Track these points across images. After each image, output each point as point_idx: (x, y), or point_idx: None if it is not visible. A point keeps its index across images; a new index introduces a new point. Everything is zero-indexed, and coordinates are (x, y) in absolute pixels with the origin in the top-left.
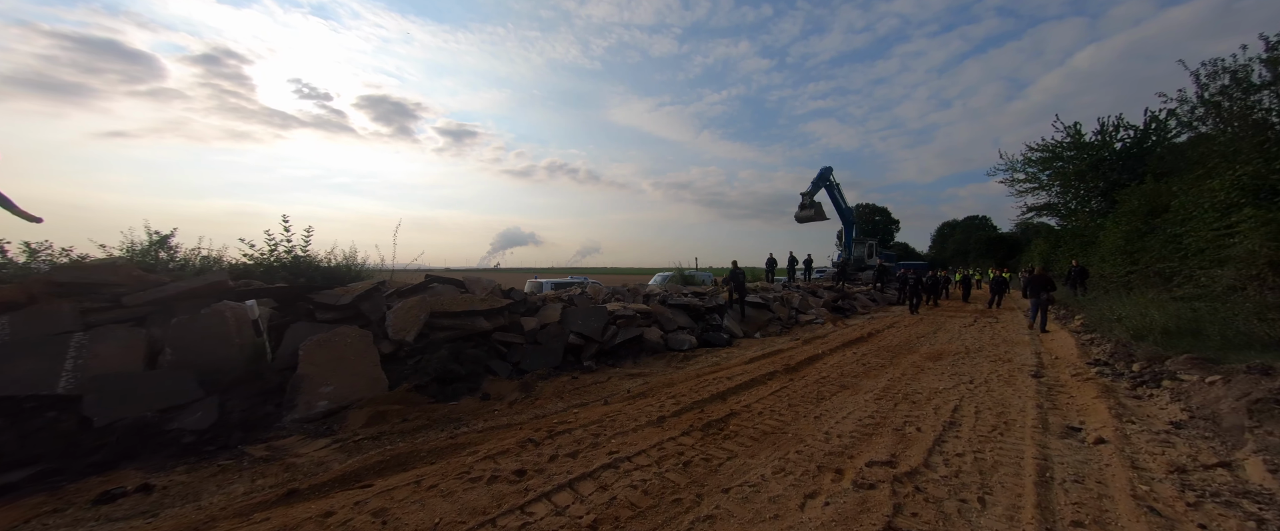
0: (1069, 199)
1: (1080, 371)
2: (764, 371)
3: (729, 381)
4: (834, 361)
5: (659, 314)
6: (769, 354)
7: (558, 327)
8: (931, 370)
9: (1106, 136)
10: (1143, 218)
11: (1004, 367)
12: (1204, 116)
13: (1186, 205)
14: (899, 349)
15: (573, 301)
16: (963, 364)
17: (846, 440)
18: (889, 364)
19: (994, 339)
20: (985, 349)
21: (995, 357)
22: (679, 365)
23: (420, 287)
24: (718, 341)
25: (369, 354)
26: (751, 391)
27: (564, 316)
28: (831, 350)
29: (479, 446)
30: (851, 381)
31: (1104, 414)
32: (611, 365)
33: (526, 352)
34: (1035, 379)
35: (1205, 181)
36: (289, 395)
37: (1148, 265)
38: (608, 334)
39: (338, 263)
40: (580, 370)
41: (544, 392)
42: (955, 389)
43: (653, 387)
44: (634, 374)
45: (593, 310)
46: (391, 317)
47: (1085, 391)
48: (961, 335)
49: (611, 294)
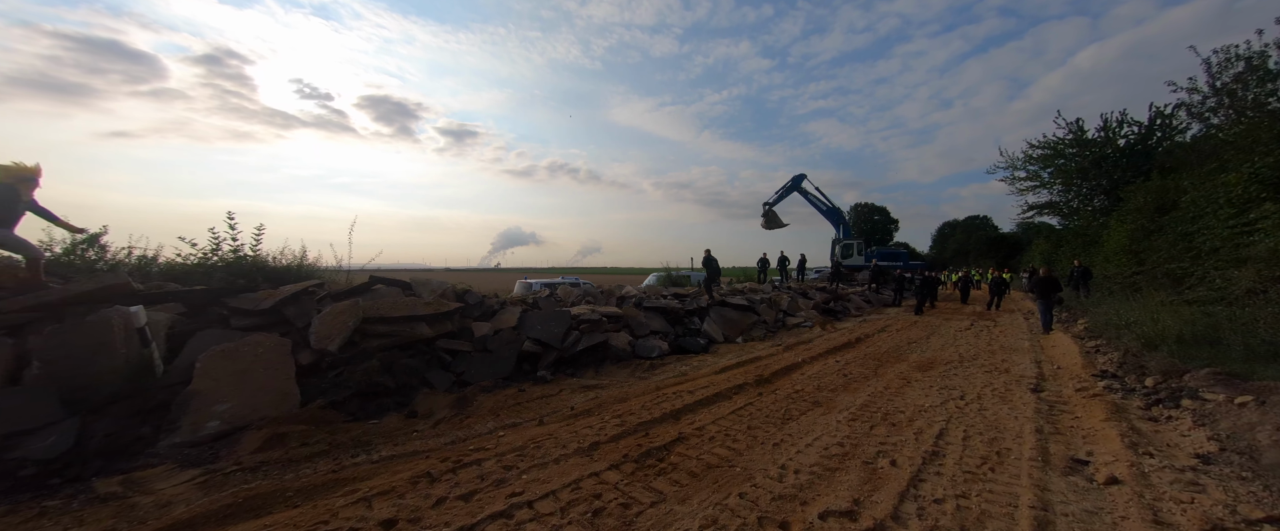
0: (1071, 197)
1: (1085, 385)
2: (733, 383)
3: (690, 396)
4: (813, 371)
5: (631, 317)
6: (744, 362)
7: (512, 334)
8: (919, 382)
9: (1110, 133)
10: (1149, 215)
11: (1000, 379)
12: (1216, 107)
13: (1199, 201)
14: (886, 356)
15: (537, 305)
16: (954, 375)
17: (804, 477)
18: (873, 374)
19: (991, 345)
20: (980, 357)
21: (991, 367)
22: (643, 375)
23: (361, 289)
24: (693, 347)
25: (282, 366)
26: (711, 409)
27: (522, 321)
28: (813, 357)
29: (363, 482)
30: (827, 396)
31: (1115, 442)
32: (570, 374)
33: (474, 362)
34: (1034, 394)
35: (1219, 175)
36: (174, 415)
37: (1155, 265)
38: (568, 340)
39: (288, 263)
40: (533, 381)
41: (480, 408)
42: (943, 407)
43: (602, 403)
44: (590, 385)
45: (554, 314)
46: (316, 324)
47: (1092, 411)
48: (956, 340)
49: (583, 296)
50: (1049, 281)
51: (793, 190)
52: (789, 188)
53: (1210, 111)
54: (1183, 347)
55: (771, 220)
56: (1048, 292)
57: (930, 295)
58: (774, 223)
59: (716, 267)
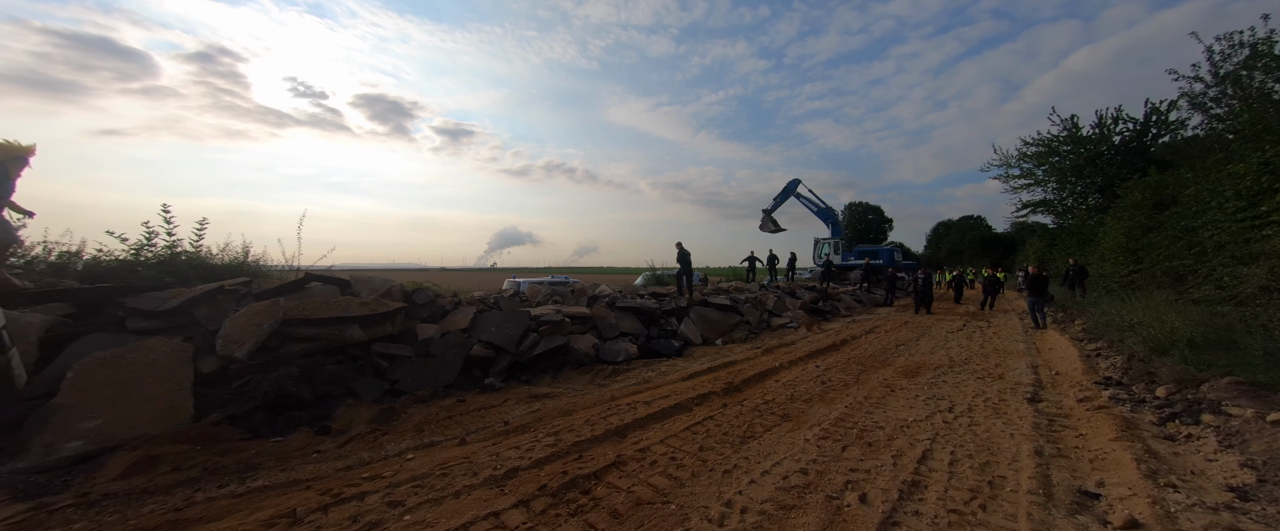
0: (1065, 195)
1: (1088, 394)
2: (697, 392)
3: (645, 407)
4: (789, 377)
5: (600, 318)
6: (717, 367)
7: (461, 337)
8: (904, 391)
9: (1105, 129)
10: (1147, 212)
11: (994, 388)
12: (1218, 98)
13: (1203, 195)
14: (871, 361)
15: (498, 305)
16: (944, 382)
17: (751, 519)
18: (854, 381)
19: (984, 347)
20: (973, 361)
21: (984, 373)
22: (603, 382)
23: (292, 287)
24: (666, 351)
25: (178, 374)
26: (664, 423)
27: (475, 323)
28: (793, 362)
29: (207, 524)
30: (799, 408)
31: (1130, 469)
32: (524, 381)
33: (413, 368)
34: (1032, 405)
35: (1226, 167)
36: (25, 434)
37: (1154, 264)
38: (525, 343)
39: (230, 260)
40: (480, 389)
41: (405, 423)
42: (929, 421)
43: (543, 417)
44: (540, 394)
45: (511, 315)
46: (226, 327)
47: (1099, 427)
48: (947, 342)
49: (550, 295)
50: (1038, 279)
51: (789, 194)
52: (786, 192)
53: (1212, 102)
54: (1196, 353)
55: (773, 226)
56: (1039, 290)
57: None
58: (772, 227)
59: (689, 263)
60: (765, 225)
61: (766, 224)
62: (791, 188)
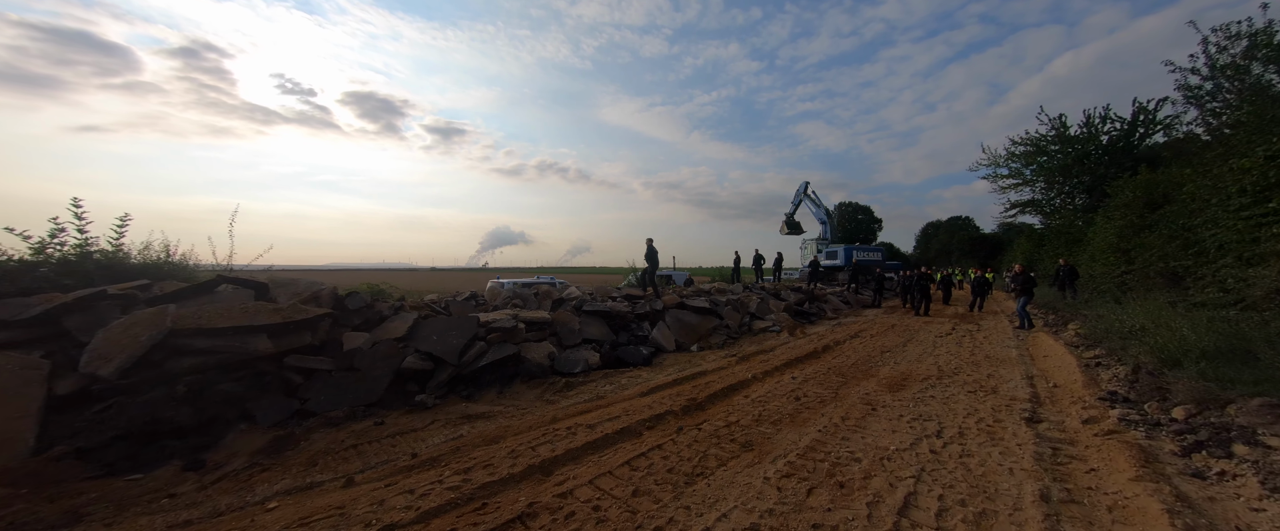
0: (1053, 195)
1: (1094, 413)
2: (653, 412)
3: (588, 432)
4: (761, 392)
5: (563, 324)
6: (684, 379)
7: (393, 347)
8: (887, 409)
9: (1093, 129)
10: (1139, 211)
11: (986, 404)
12: (1215, 91)
13: (1202, 191)
14: (853, 371)
15: (448, 309)
16: (931, 397)
17: None
18: (832, 397)
19: (974, 354)
20: (963, 370)
21: (975, 385)
22: (552, 397)
23: (196, 291)
24: (633, 359)
25: (22, 398)
26: (603, 455)
27: (414, 330)
28: (768, 372)
29: None
30: (765, 433)
31: (1157, 518)
32: (464, 397)
33: (331, 384)
34: (1031, 428)
35: (1227, 161)
36: None
37: (1148, 264)
38: (470, 353)
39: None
40: (409, 407)
41: (298, 456)
42: (914, 450)
43: (463, 446)
44: (474, 414)
45: (457, 322)
46: (97, 340)
47: (1113, 460)
48: (936, 348)
49: (510, 298)
50: (1025, 278)
51: (803, 196)
52: (800, 194)
53: (1208, 95)
54: (1213, 366)
55: (792, 227)
56: (1027, 289)
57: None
58: (796, 230)
59: (656, 261)
60: (790, 228)
61: (792, 227)
62: (802, 189)
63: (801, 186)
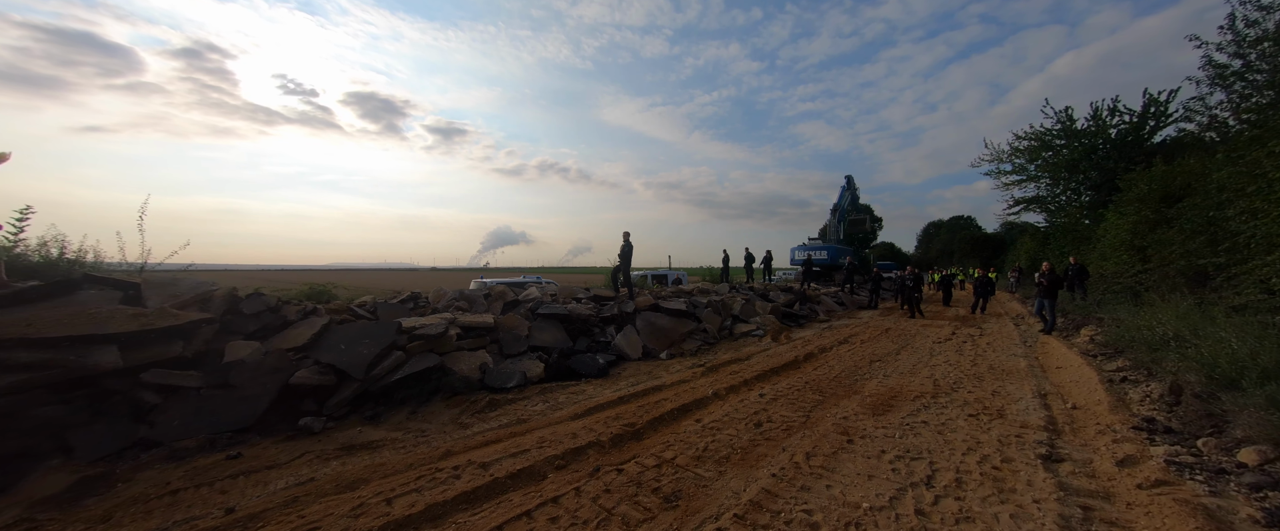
0: (1059, 192)
1: (1130, 449)
2: (576, 442)
3: (479, 474)
4: (717, 415)
5: (509, 329)
6: (634, 396)
7: (281, 359)
8: (866, 441)
9: (1101, 122)
10: (1154, 205)
11: (992, 434)
12: (1243, 70)
13: (1236, 179)
14: (833, 386)
15: (375, 312)
16: (923, 423)
17: None
18: (802, 423)
19: (976, 365)
20: (963, 384)
21: (978, 405)
22: (468, 420)
23: (44, 293)
24: (586, 369)
25: None
26: (478, 513)
27: (320, 338)
28: (735, 387)
29: None
30: (701, 481)
31: None
32: (369, 417)
33: (195, 405)
34: (1050, 471)
35: (1266, 144)
36: None
37: (1166, 262)
38: (382, 366)
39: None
40: (292, 432)
41: (98, 505)
42: (893, 510)
43: (307, 494)
44: (359, 444)
45: (371, 329)
46: None
47: (1168, 523)
48: (933, 357)
49: (453, 301)
50: (1053, 277)
51: (852, 189)
52: (848, 188)
53: (1236, 75)
54: (1275, 385)
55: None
56: (1052, 289)
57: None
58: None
59: (630, 258)
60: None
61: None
62: (850, 182)
63: (847, 179)
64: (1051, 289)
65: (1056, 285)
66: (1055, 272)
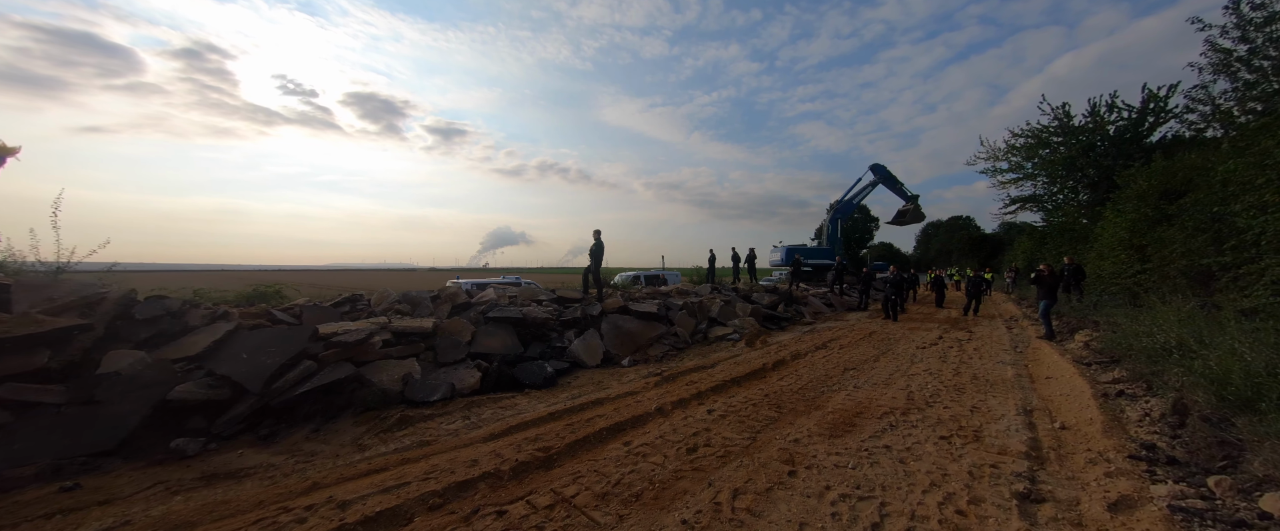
0: (1056, 191)
1: (1126, 487)
2: (472, 473)
3: (334, 516)
4: (650, 437)
5: (447, 335)
6: (570, 411)
7: (164, 372)
8: (812, 472)
9: (1099, 118)
10: (1154, 202)
11: (964, 462)
12: (1248, 57)
13: (1245, 172)
14: (796, 399)
15: (300, 317)
16: (884, 449)
17: None
18: (744, 447)
19: (959, 374)
20: (940, 397)
21: (953, 426)
22: (368, 441)
23: None
24: (530, 379)
25: None
26: None
27: (220, 346)
28: (684, 400)
29: None
30: (605, 523)
31: None
32: (264, 437)
33: (49, 424)
34: (1026, 514)
35: (1276, 131)
36: None
37: (1167, 261)
38: (287, 378)
39: None
40: (163, 455)
41: None
42: None
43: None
44: (226, 474)
45: (280, 335)
46: None
47: None
48: (913, 365)
49: (394, 303)
50: (1052, 278)
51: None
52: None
53: (1241, 62)
54: None
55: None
56: (1051, 291)
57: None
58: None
59: (601, 256)
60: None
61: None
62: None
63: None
64: (1051, 291)
65: (1055, 286)
66: (1054, 272)
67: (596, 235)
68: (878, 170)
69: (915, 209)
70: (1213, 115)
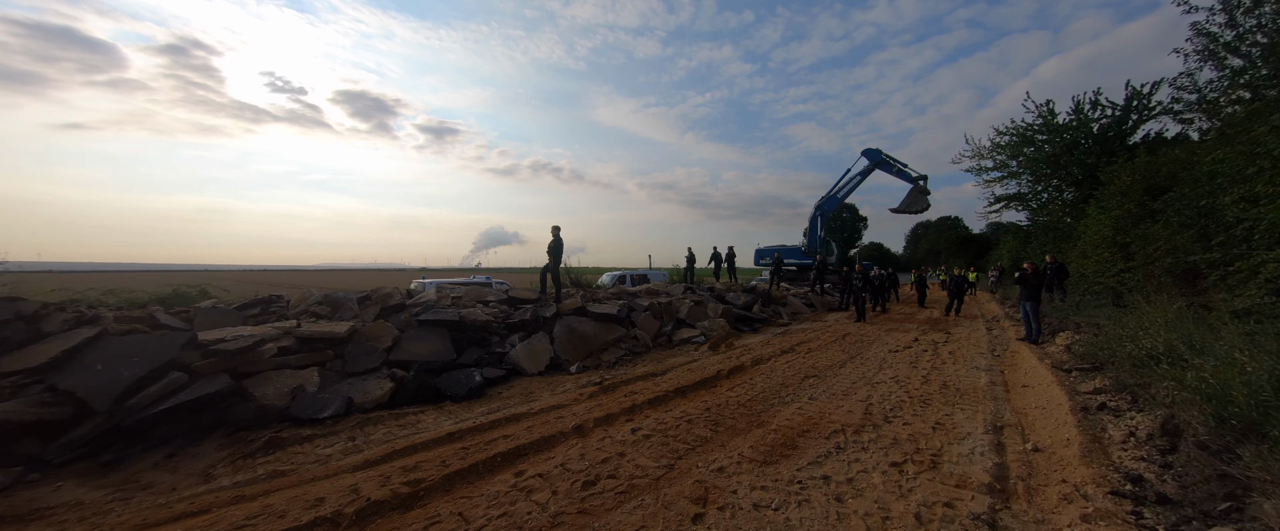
0: (1041, 190)
1: (1107, 529)
2: (306, 518)
3: None
4: (550, 465)
5: (363, 341)
6: (473, 430)
7: None
8: (726, 515)
9: (1082, 116)
10: (1138, 199)
11: (914, 497)
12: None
13: (1233, 161)
14: (740, 414)
15: (191, 321)
16: (820, 479)
17: None
18: (656, 480)
19: (927, 383)
20: (901, 412)
21: (909, 449)
22: (219, 471)
23: None
24: (454, 389)
25: None
26: None
27: (72, 356)
28: (614, 415)
29: None
30: None
31: None
32: (109, 463)
33: None
34: None
35: (1268, 116)
36: None
37: (1151, 259)
38: (146, 392)
39: None
40: None
41: None
42: None
43: None
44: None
45: (153, 342)
46: None
47: None
48: (879, 372)
49: (313, 304)
50: (1035, 277)
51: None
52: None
53: (1227, 48)
54: None
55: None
56: (1034, 292)
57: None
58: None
59: (560, 255)
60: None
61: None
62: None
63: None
64: (1034, 291)
65: (1038, 285)
66: (1038, 271)
67: (555, 231)
68: (872, 154)
69: (924, 190)
70: (1198, 104)
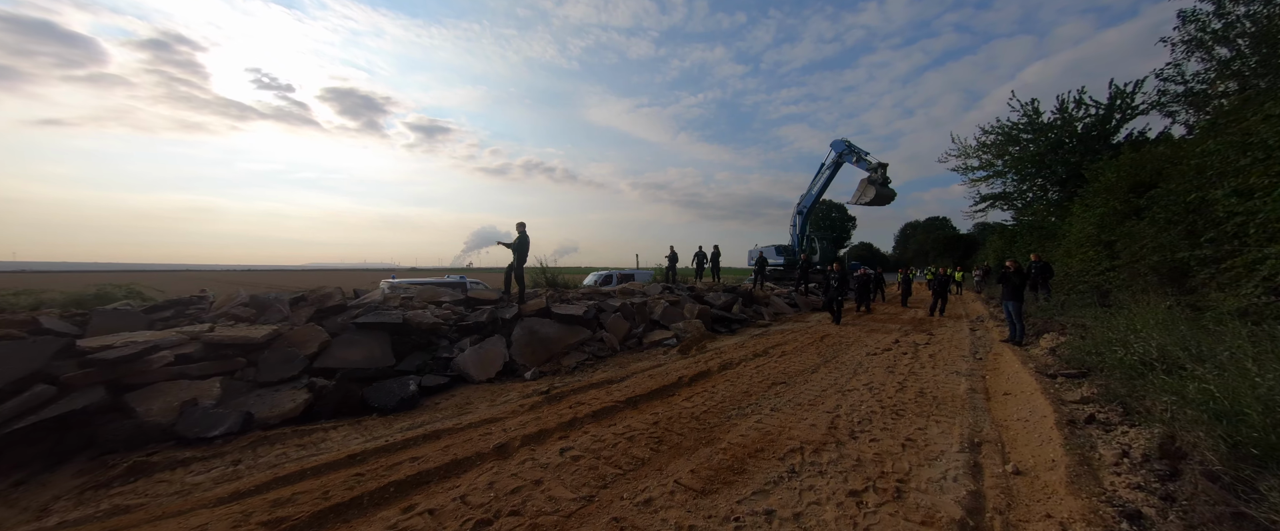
0: (1026, 189)
1: None
2: None
3: None
4: (448, 498)
5: (289, 346)
6: (380, 451)
7: None
8: None
9: (1067, 115)
10: (1123, 196)
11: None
12: (1224, 30)
13: (1224, 152)
14: (688, 429)
15: (83, 325)
16: (764, 516)
17: None
18: (567, 518)
19: (903, 390)
20: (871, 424)
21: (873, 469)
22: (61, 505)
23: None
24: (383, 400)
25: None
26: None
27: None
28: (550, 430)
29: None
30: None
31: None
32: None
33: None
34: None
35: (1264, 106)
36: None
37: (1137, 257)
38: (3, 408)
39: None
40: None
41: None
42: None
43: None
44: None
45: (13, 351)
46: None
47: None
48: (853, 378)
49: (238, 305)
50: (1018, 276)
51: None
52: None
53: (1216, 36)
54: None
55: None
56: (1017, 291)
57: (860, 298)
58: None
59: (525, 253)
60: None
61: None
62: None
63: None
64: (1017, 290)
65: (1021, 285)
66: (1021, 270)
67: (520, 228)
68: (837, 145)
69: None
70: (1185, 96)
